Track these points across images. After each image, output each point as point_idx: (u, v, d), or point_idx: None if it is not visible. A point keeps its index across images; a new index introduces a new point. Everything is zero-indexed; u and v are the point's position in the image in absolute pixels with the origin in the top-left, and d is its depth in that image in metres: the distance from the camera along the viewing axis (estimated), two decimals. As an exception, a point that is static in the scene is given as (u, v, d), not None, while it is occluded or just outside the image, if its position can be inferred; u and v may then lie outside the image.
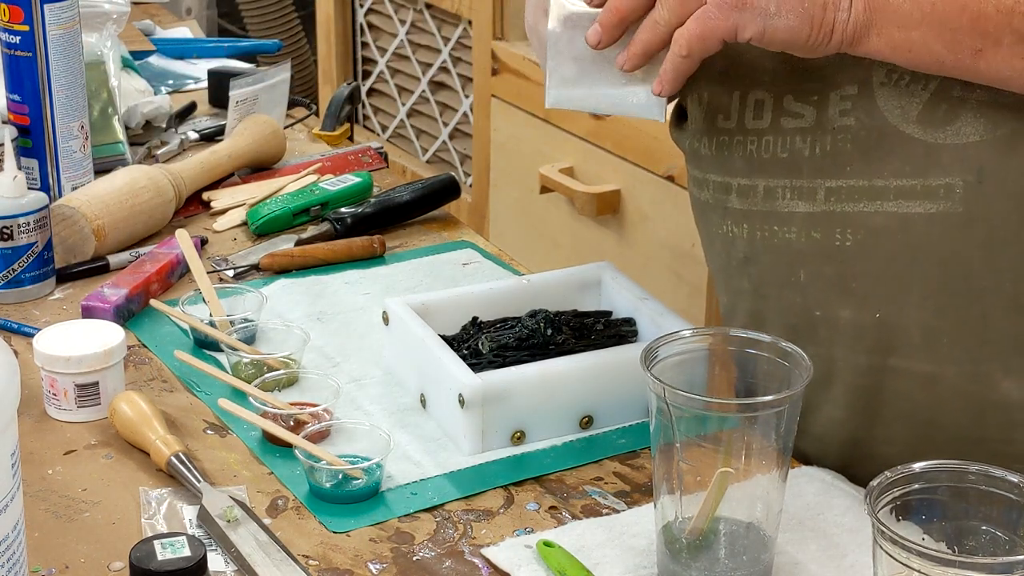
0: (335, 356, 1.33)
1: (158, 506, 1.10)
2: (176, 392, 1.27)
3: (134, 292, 1.39)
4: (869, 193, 1.06)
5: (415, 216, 1.62)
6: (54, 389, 1.22)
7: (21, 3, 1.51)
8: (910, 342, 1.09)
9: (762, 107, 1.12)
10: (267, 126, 1.72)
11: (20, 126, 1.55)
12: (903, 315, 1.08)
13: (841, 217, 1.08)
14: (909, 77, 1.04)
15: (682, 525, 1.00)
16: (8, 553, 0.85)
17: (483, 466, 1.17)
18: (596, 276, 1.35)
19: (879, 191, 1.06)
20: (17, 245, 1.40)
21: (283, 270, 1.49)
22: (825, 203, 1.09)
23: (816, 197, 1.09)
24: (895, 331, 1.09)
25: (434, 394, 1.22)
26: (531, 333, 1.24)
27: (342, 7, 3.11)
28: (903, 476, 0.93)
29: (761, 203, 1.13)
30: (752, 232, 1.15)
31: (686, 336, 1.04)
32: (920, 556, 0.86)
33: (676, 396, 0.97)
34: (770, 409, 0.97)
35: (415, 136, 3.00)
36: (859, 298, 1.10)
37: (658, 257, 2.26)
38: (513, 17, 2.59)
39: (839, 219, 1.08)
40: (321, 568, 1.04)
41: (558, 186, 2.40)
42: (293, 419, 1.19)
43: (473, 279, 1.48)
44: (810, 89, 1.09)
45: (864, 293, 1.09)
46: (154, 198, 1.54)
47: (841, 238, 1.09)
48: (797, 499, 1.10)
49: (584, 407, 1.20)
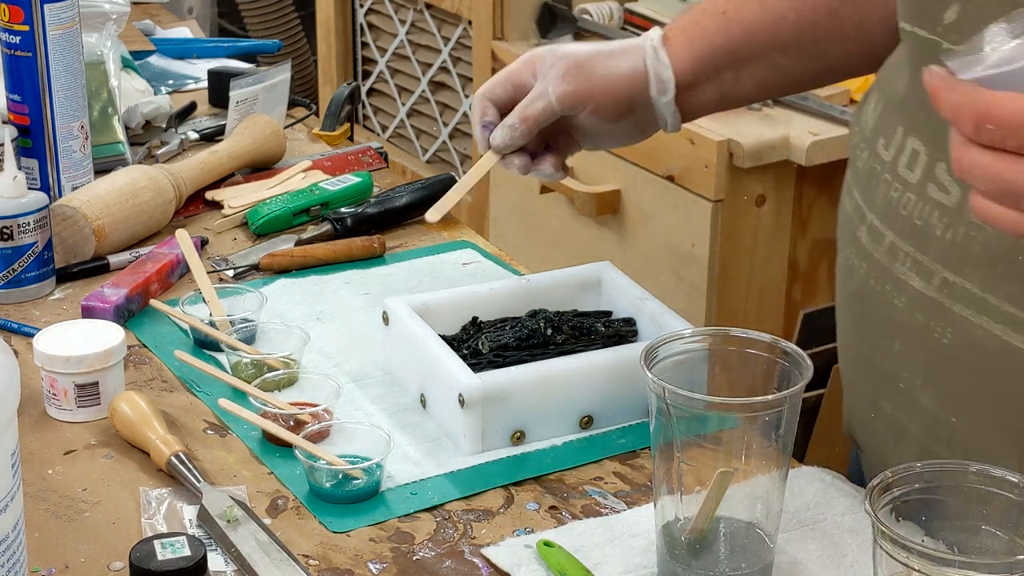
0: (335, 356, 1.33)
1: (158, 506, 1.10)
2: (176, 392, 1.27)
3: (134, 292, 1.39)
4: (980, 305, 1.00)
5: (415, 216, 1.62)
6: (54, 389, 1.22)
7: (21, 3, 1.51)
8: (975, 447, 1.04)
9: (915, 160, 1.06)
10: (267, 126, 1.72)
11: (20, 126, 1.55)
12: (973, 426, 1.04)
13: (947, 313, 1.02)
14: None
15: (682, 525, 1.00)
16: (8, 553, 0.85)
17: (483, 466, 1.17)
18: (596, 276, 1.35)
19: (990, 308, 1.00)
20: (17, 245, 1.40)
21: (283, 270, 1.49)
22: (939, 291, 1.03)
23: (932, 281, 1.03)
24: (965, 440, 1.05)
25: (434, 394, 1.22)
26: (531, 333, 1.24)
27: (342, 7, 3.11)
28: (903, 476, 0.93)
29: (884, 256, 1.08)
30: (868, 276, 1.10)
31: (686, 336, 1.04)
32: (920, 556, 0.86)
33: (676, 396, 0.97)
34: (770, 409, 0.97)
35: (415, 136, 3.00)
36: (942, 394, 1.05)
37: (658, 257, 2.27)
38: (513, 17, 2.59)
39: (945, 314, 1.03)
40: (321, 568, 1.04)
41: (558, 186, 2.40)
42: (293, 419, 1.19)
43: (473, 279, 1.48)
44: None
45: (948, 392, 1.05)
46: (154, 198, 1.54)
47: (941, 332, 1.03)
48: (797, 499, 1.10)
49: (584, 407, 1.21)
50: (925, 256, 1.03)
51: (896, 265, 1.06)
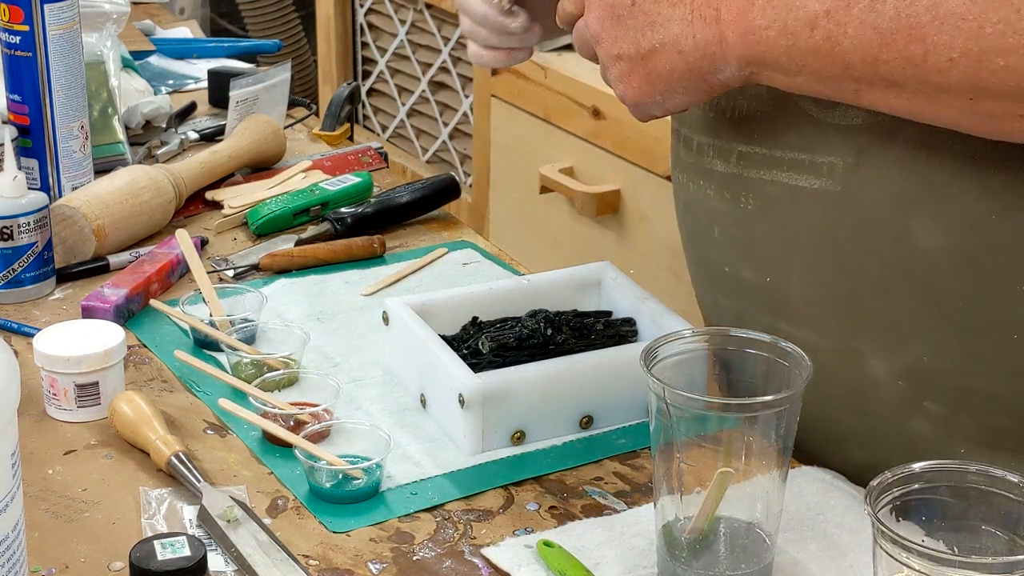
0: (335, 356, 1.33)
1: (158, 506, 1.10)
2: (176, 392, 1.27)
3: (134, 292, 1.39)
4: (769, 162, 1.11)
5: (415, 216, 1.62)
6: (54, 389, 1.22)
7: (21, 3, 1.51)
8: (794, 309, 1.12)
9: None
10: (267, 126, 1.72)
11: (20, 126, 1.55)
12: (788, 283, 1.12)
13: (746, 182, 1.13)
14: None
15: (682, 525, 1.00)
16: (8, 553, 0.85)
17: (483, 466, 1.17)
18: (596, 276, 1.35)
19: (776, 161, 1.10)
20: (17, 245, 1.40)
21: (283, 270, 1.49)
22: (736, 166, 1.13)
23: (730, 159, 1.14)
24: (783, 297, 1.13)
25: (434, 394, 1.22)
26: (531, 333, 1.24)
27: (342, 7, 3.11)
28: (903, 476, 0.93)
29: (694, 156, 1.18)
30: (687, 183, 1.20)
31: (686, 336, 1.04)
32: (920, 556, 0.86)
33: (676, 396, 0.97)
34: (770, 409, 0.97)
35: (415, 136, 3.00)
36: (756, 261, 1.14)
37: (658, 257, 2.27)
38: (513, 17, 2.59)
39: (744, 183, 1.13)
40: (321, 568, 1.04)
41: (558, 186, 2.41)
42: (293, 419, 1.19)
43: (473, 279, 1.48)
44: None
45: (760, 256, 1.14)
46: (154, 198, 1.54)
47: (745, 201, 1.13)
48: (797, 499, 1.10)
49: (584, 407, 1.21)
50: (721, 140, 1.14)
51: (704, 159, 1.16)
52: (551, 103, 2.46)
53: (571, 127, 2.43)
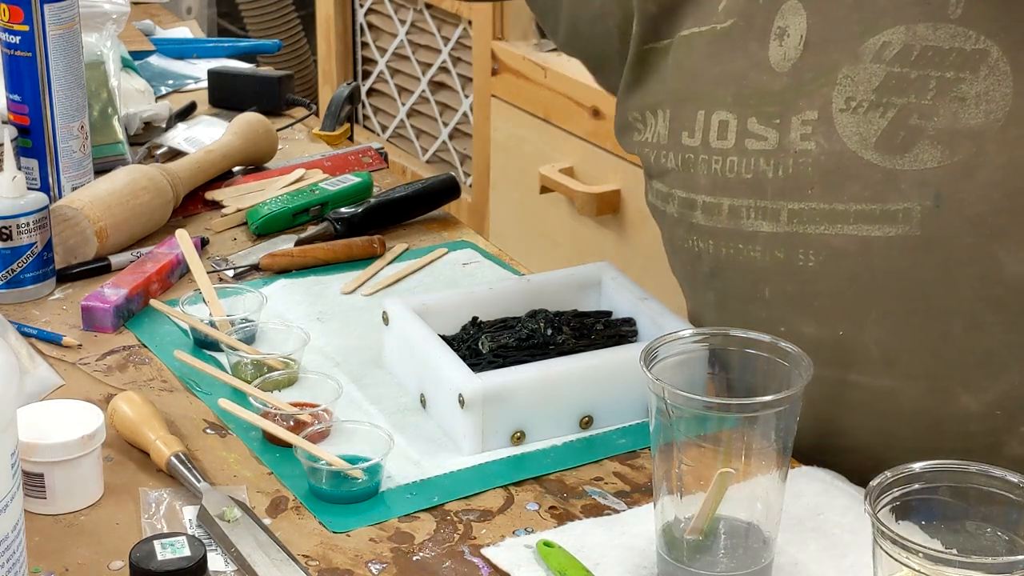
0: (335, 356, 1.33)
1: (158, 506, 1.10)
2: (176, 392, 1.27)
3: (134, 292, 1.39)
4: (830, 216, 1.08)
5: (415, 216, 1.62)
6: None
7: (21, 3, 1.51)
8: (869, 358, 1.11)
9: (726, 128, 1.14)
10: (259, 124, 1.73)
11: (20, 126, 1.55)
12: (862, 332, 1.10)
13: (803, 238, 1.10)
14: (867, 105, 1.06)
15: (682, 525, 1.00)
16: (8, 553, 0.85)
17: (483, 466, 1.17)
18: (596, 276, 1.35)
19: (839, 215, 1.08)
20: (17, 245, 1.40)
21: (283, 270, 1.49)
22: (788, 224, 1.11)
23: (779, 218, 1.11)
24: (855, 348, 1.11)
25: (434, 394, 1.22)
26: (531, 333, 1.24)
27: (342, 7, 3.11)
28: (903, 476, 0.93)
29: (726, 222, 1.15)
30: (717, 248, 1.17)
31: (686, 336, 1.04)
32: (920, 556, 0.86)
33: (676, 396, 0.97)
34: (770, 409, 0.97)
35: (415, 136, 3.00)
36: (820, 315, 1.12)
37: (658, 257, 2.26)
38: (513, 17, 2.59)
39: (801, 240, 1.11)
40: (321, 568, 1.04)
41: (558, 186, 2.40)
42: (293, 419, 1.19)
43: (473, 279, 1.48)
44: (772, 113, 1.12)
45: (825, 311, 1.11)
46: (154, 198, 1.54)
47: (804, 258, 1.11)
48: (797, 499, 1.10)
49: (584, 407, 1.20)
50: (765, 200, 1.12)
51: (742, 223, 1.14)
52: (551, 103, 2.46)
53: (571, 127, 2.43)
